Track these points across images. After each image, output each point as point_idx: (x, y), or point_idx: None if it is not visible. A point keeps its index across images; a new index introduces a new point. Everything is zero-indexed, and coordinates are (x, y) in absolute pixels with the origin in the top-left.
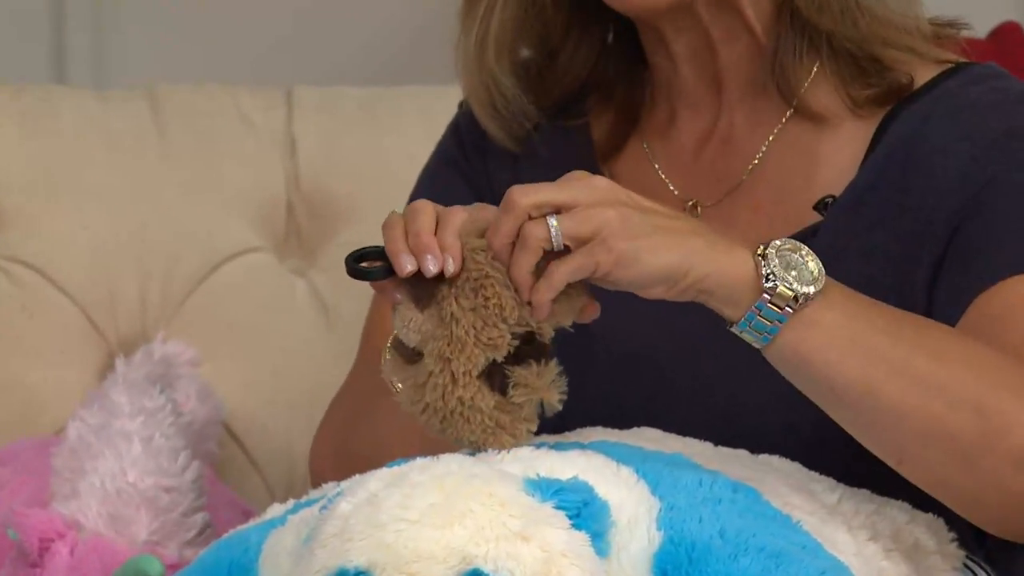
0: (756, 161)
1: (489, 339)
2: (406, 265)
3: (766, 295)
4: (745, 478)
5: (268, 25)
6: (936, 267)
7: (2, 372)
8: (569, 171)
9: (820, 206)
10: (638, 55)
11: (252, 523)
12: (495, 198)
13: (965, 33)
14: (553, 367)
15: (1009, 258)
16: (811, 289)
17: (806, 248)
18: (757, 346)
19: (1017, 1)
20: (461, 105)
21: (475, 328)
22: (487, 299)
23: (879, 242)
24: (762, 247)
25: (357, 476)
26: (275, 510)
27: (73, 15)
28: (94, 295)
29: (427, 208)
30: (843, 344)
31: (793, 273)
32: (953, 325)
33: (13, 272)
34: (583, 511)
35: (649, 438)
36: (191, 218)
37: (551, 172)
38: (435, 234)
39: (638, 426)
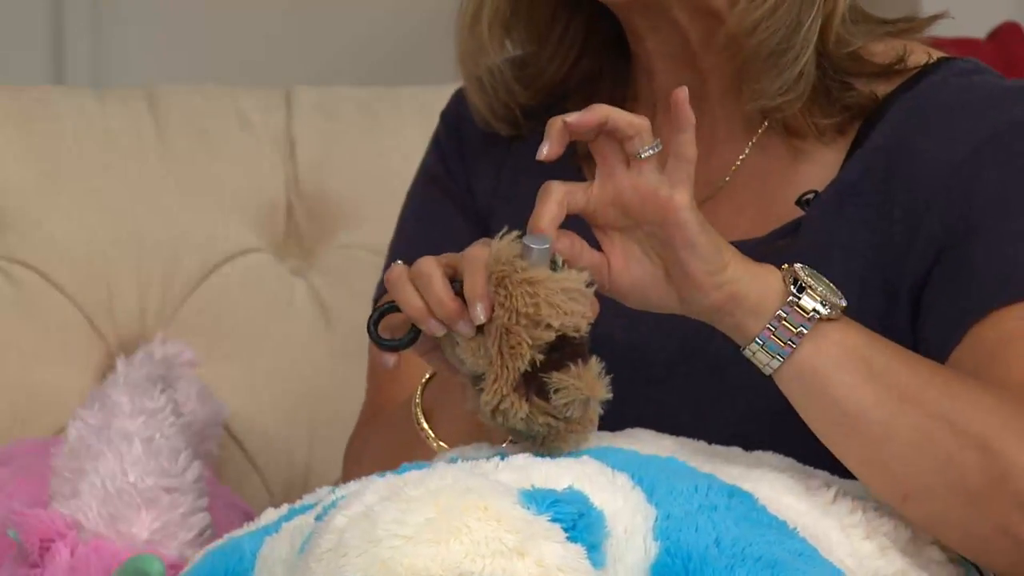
0: (738, 163)
1: (511, 347)
2: (437, 331)
3: (792, 299)
4: (739, 477)
5: (267, 25)
6: (919, 288)
7: (1, 373)
8: (551, 178)
9: (802, 202)
10: (623, 51)
11: (245, 529)
12: (477, 210)
13: (965, 33)
14: (593, 365)
15: (997, 285)
16: (836, 302)
17: (826, 278)
18: (770, 367)
19: (1017, 1)
20: (443, 117)
21: (500, 341)
22: (506, 306)
23: (863, 241)
24: (787, 266)
25: (353, 485)
26: (269, 515)
27: (72, 15)
28: (93, 296)
29: (434, 269)
30: (859, 365)
31: (819, 288)
32: (946, 354)
33: (12, 273)
34: (578, 523)
35: (642, 439)
36: (190, 219)
37: (533, 180)
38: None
39: (631, 426)
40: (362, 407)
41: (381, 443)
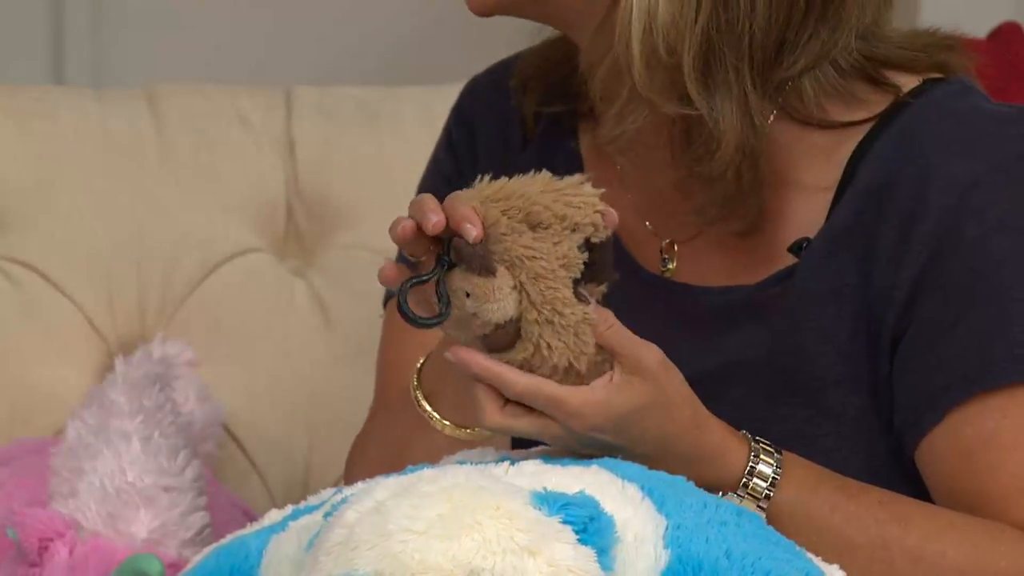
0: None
1: (563, 256)
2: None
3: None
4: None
5: (267, 25)
6: (896, 339)
7: (1, 372)
8: None
9: (795, 248)
10: None
11: (251, 528)
12: None
13: (965, 33)
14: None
15: (982, 365)
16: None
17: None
18: None
19: (1017, 1)
20: (454, 112)
21: (548, 255)
22: (540, 223)
23: (852, 286)
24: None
25: (361, 484)
26: (274, 515)
27: (72, 15)
28: (93, 296)
29: (426, 196)
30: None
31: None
32: (925, 429)
33: (12, 273)
34: (589, 526)
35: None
36: (190, 219)
37: None
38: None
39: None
40: (371, 406)
41: (385, 433)
